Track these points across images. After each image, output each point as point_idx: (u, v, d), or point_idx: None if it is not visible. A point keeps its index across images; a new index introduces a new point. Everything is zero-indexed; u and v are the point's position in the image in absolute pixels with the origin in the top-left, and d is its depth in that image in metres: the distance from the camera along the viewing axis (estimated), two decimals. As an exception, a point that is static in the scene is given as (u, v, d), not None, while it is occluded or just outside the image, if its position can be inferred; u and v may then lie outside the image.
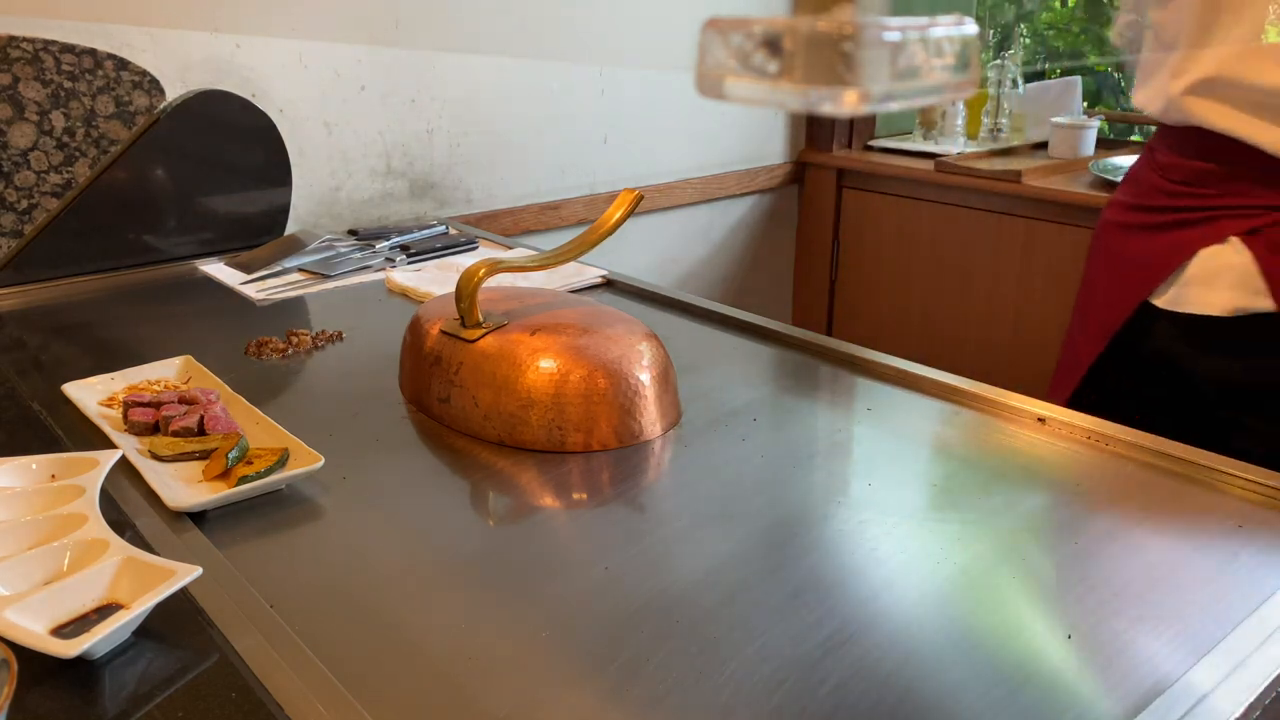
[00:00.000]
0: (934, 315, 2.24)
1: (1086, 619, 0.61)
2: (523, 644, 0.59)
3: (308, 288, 1.29)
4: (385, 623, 0.61)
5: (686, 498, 0.77)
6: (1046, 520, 0.73)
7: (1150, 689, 0.55)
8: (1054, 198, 1.98)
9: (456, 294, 0.88)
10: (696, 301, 1.21)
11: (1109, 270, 1.22)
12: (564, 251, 0.94)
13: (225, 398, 0.88)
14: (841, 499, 0.76)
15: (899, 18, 0.39)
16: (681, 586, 0.65)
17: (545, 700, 0.55)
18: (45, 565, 0.61)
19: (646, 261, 2.07)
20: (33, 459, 0.72)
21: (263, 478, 0.74)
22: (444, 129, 1.71)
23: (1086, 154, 2.20)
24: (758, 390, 0.97)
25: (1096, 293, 1.25)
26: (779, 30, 0.39)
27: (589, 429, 0.83)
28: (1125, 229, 1.19)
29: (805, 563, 0.68)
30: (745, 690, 0.55)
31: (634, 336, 0.87)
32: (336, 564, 0.68)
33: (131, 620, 0.56)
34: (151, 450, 0.79)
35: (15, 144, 1.28)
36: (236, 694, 0.53)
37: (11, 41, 1.25)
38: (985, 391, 0.92)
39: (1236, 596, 0.63)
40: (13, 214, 1.30)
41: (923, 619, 0.62)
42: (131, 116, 1.36)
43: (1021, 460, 0.83)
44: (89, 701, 0.53)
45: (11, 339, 1.13)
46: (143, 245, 1.38)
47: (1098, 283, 1.25)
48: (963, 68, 0.41)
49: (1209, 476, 0.78)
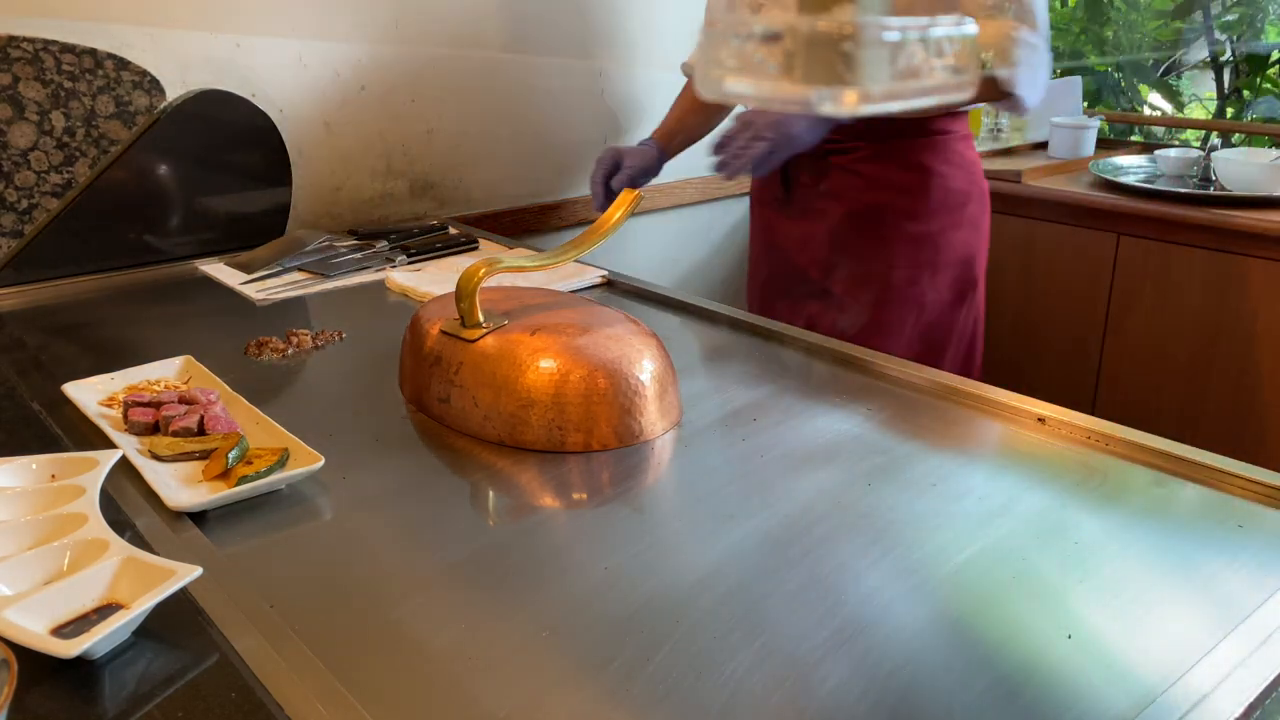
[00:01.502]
0: (934, 315, 2.24)
1: (1086, 619, 0.61)
2: (523, 644, 0.59)
3: (308, 288, 1.29)
4: (385, 623, 0.61)
5: (686, 498, 0.77)
6: (1046, 520, 0.73)
7: (1150, 689, 0.55)
8: (1054, 198, 1.98)
9: (456, 294, 0.88)
10: (696, 301, 1.21)
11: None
12: (564, 251, 0.94)
13: (225, 398, 0.88)
14: (841, 499, 0.76)
15: (899, 18, 0.39)
16: (681, 586, 0.65)
17: (545, 700, 0.55)
18: (45, 565, 0.61)
19: (646, 261, 2.07)
20: (33, 459, 0.72)
21: (263, 478, 0.74)
22: (444, 129, 1.71)
23: (1086, 154, 2.20)
24: (758, 390, 0.97)
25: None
26: (779, 30, 0.39)
27: (589, 429, 0.83)
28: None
29: (805, 563, 0.68)
30: (745, 690, 0.55)
31: (634, 336, 0.87)
32: (336, 564, 0.68)
33: (131, 620, 0.56)
34: (151, 450, 0.79)
35: (15, 144, 1.28)
36: (236, 694, 0.53)
37: (11, 41, 1.25)
38: (985, 391, 0.92)
39: (1236, 596, 0.63)
40: (13, 214, 1.30)
41: (923, 619, 0.62)
42: (131, 116, 1.36)
43: (1021, 460, 0.83)
44: (89, 701, 0.53)
45: (11, 339, 1.13)
46: (143, 245, 1.38)
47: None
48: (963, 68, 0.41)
49: (1209, 476, 0.78)
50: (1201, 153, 2.01)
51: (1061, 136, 2.21)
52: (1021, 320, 2.09)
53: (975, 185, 1.39)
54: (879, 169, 1.35)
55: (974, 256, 1.41)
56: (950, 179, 1.36)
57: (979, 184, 1.40)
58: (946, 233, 1.36)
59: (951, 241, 1.37)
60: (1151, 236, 1.86)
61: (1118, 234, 1.91)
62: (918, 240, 1.35)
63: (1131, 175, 2.03)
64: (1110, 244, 1.92)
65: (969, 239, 1.39)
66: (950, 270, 1.38)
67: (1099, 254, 1.94)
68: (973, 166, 1.39)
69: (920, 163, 1.35)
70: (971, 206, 1.38)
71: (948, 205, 1.36)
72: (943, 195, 1.35)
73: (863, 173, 1.35)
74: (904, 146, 1.34)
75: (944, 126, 1.36)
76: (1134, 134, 2.87)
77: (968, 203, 1.38)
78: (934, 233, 1.36)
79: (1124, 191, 1.93)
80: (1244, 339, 1.78)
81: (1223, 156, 1.94)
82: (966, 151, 1.39)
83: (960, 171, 1.37)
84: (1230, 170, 1.89)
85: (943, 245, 1.36)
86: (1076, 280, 1.99)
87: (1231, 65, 3.07)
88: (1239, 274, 1.77)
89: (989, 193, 1.43)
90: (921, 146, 1.34)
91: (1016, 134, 2.37)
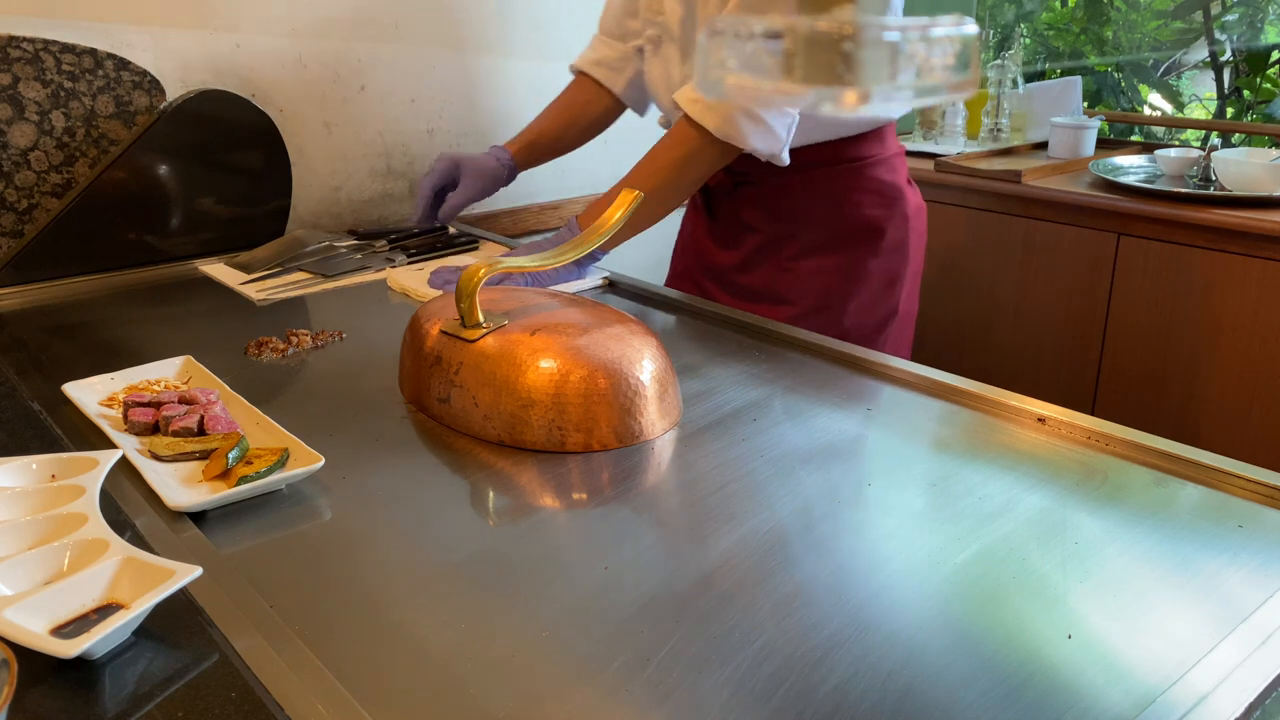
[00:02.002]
0: (934, 315, 2.24)
1: (1086, 619, 0.61)
2: (523, 644, 0.59)
3: (308, 288, 1.29)
4: (385, 623, 0.61)
5: (686, 498, 0.77)
6: (1046, 520, 0.73)
7: (1150, 689, 0.55)
8: (1054, 198, 1.98)
9: (456, 294, 0.88)
10: (696, 302, 1.21)
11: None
12: (564, 251, 0.94)
13: (225, 398, 0.88)
14: (841, 499, 0.76)
15: (899, 18, 0.39)
16: (681, 587, 0.65)
17: (545, 700, 0.55)
18: (45, 565, 0.61)
19: (646, 261, 2.07)
20: (33, 459, 0.72)
21: (263, 478, 0.74)
22: (444, 129, 1.71)
23: (1086, 154, 2.20)
24: (758, 390, 0.97)
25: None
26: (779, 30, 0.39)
27: (589, 429, 0.83)
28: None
29: (805, 563, 0.68)
30: (745, 690, 0.55)
31: (634, 336, 0.87)
32: (336, 564, 0.68)
33: (131, 620, 0.56)
34: (151, 450, 0.79)
35: (15, 144, 1.28)
36: (236, 694, 0.53)
37: (11, 41, 1.25)
38: (985, 391, 0.92)
39: (1236, 596, 0.63)
40: (13, 214, 1.30)
41: (923, 619, 0.62)
42: (131, 116, 1.36)
43: (1021, 460, 0.83)
44: (89, 701, 0.53)
45: (11, 339, 1.13)
46: (143, 245, 1.38)
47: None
48: (963, 68, 0.41)
49: (1209, 476, 0.78)
50: (1201, 153, 2.01)
51: (1061, 136, 2.21)
52: (1021, 320, 2.09)
53: (896, 210, 1.34)
54: (788, 201, 1.32)
55: (895, 283, 1.36)
56: (864, 207, 1.32)
57: (901, 208, 1.34)
58: (863, 261, 1.33)
59: (869, 270, 1.33)
60: (1151, 236, 1.86)
61: (1118, 234, 1.91)
62: (827, 272, 1.33)
63: (1131, 175, 2.03)
64: (1110, 244, 1.92)
65: (889, 266, 1.35)
66: (866, 298, 1.34)
67: (1099, 254, 1.94)
68: (892, 190, 1.34)
69: (831, 192, 1.31)
70: (891, 233, 1.34)
71: (860, 234, 1.32)
72: (855, 225, 1.32)
73: (771, 205, 1.32)
74: (814, 177, 1.30)
75: (857, 153, 1.31)
76: (1134, 134, 2.87)
77: (886, 229, 1.33)
78: (845, 264, 1.33)
79: (1124, 191, 1.93)
80: (1244, 339, 1.78)
81: (1223, 156, 1.94)
82: (885, 175, 1.34)
83: (876, 198, 1.33)
84: (1230, 170, 1.89)
85: (855, 275, 1.33)
86: (1076, 280, 1.99)
87: (1231, 65, 3.07)
88: (1239, 274, 1.77)
89: (922, 211, 1.39)
90: (832, 176, 1.31)
91: (1016, 134, 2.37)
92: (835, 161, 1.31)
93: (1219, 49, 3.09)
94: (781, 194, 1.33)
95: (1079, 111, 2.38)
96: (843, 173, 1.32)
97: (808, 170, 1.30)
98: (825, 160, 1.31)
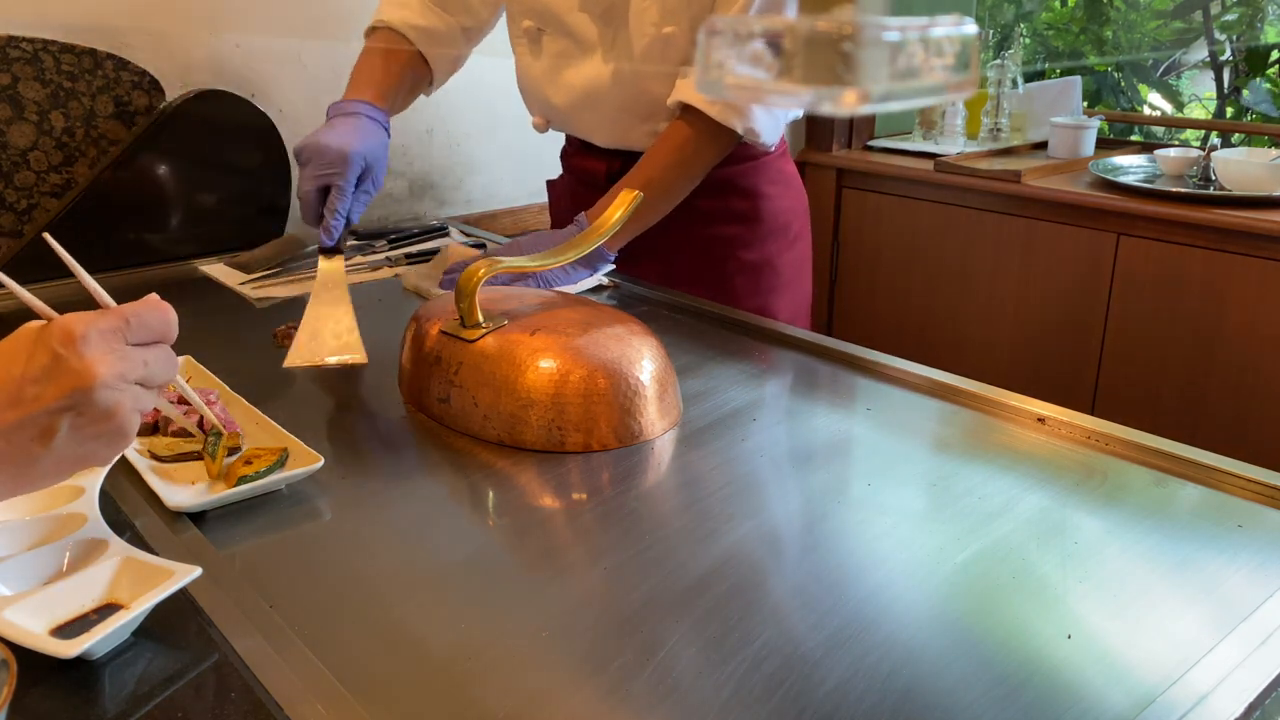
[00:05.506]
0: (934, 315, 2.24)
1: (1086, 619, 0.61)
2: (523, 644, 0.59)
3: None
4: (385, 622, 0.61)
5: (686, 498, 0.77)
6: (1046, 520, 0.73)
7: (1150, 689, 0.55)
8: (1054, 198, 1.98)
9: (456, 294, 0.88)
10: (696, 302, 1.21)
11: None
12: (563, 251, 0.94)
13: (225, 398, 0.88)
14: (841, 499, 0.76)
15: (899, 18, 0.39)
16: (681, 587, 0.65)
17: (545, 700, 0.55)
18: (45, 565, 0.61)
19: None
20: (32, 459, 0.72)
21: (263, 478, 0.74)
22: (444, 129, 1.71)
23: (1086, 154, 2.20)
24: (758, 390, 0.97)
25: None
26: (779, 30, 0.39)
27: (589, 429, 0.83)
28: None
29: (805, 563, 0.68)
30: (745, 690, 0.55)
31: (634, 336, 0.87)
32: (336, 564, 0.68)
33: (131, 620, 0.56)
34: (151, 450, 0.79)
35: (15, 144, 1.28)
36: (236, 694, 0.53)
37: (11, 41, 1.25)
38: (985, 391, 0.92)
39: (1236, 596, 0.63)
40: (13, 214, 1.30)
41: (923, 619, 0.62)
42: (131, 117, 1.36)
43: (1021, 460, 0.83)
44: (89, 701, 0.53)
45: (11, 339, 1.12)
46: (142, 245, 1.38)
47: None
48: (963, 68, 0.41)
49: (1209, 476, 0.78)
50: (1201, 153, 2.01)
51: (1061, 136, 2.21)
52: (1021, 320, 2.09)
53: (799, 200, 1.37)
54: (714, 201, 1.30)
55: (802, 272, 1.38)
56: (778, 199, 1.33)
57: (801, 199, 1.38)
58: (782, 255, 1.34)
59: (787, 262, 1.35)
60: (1151, 236, 1.86)
61: (1118, 234, 1.91)
62: (756, 268, 1.33)
63: (1131, 175, 2.03)
64: (1110, 244, 1.92)
65: (800, 256, 1.37)
66: (789, 291, 1.36)
67: (1099, 254, 1.94)
68: (793, 180, 1.36)
69: (752, 188, 1.31)
70: (796, 224, 1.36)
71: (779, 226, 1.34)
72: (773, 217, 1.33)
73: (699, 207, 1.29)
74: (735, 174, 1.30)
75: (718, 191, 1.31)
76: (1134, 134, 2.87)
77: (793, 220, 1.35)
78: (769, 257, 1.33)
79: (1124, 191, 1.93)
80: (1244, 339, 1.78)
81: (1223, 156, 1.94)
82: (785, 166, 1.36)
83: (786, 189, 1.34)
84: (1230, 170, 1.89)
85: (780, 268, 1.34)
86: (1076, 280, 1.99)
87: (1231, 65, 3.07)
88: (1239, 274, 1.77)
89: (808, 206, 1.42)
90: (749, 171, 1.31)
91: (1016, 134, 2.37)
92: (753, 156, 1.30)
93: (1219, 49, 3.09)
94: (706, 195, 1.29)
95: (1078, 111, 2.38)
96: (760, 166, 1.31)
97: (730, 167, 1.29)
98: (744, 157, 1.30)
